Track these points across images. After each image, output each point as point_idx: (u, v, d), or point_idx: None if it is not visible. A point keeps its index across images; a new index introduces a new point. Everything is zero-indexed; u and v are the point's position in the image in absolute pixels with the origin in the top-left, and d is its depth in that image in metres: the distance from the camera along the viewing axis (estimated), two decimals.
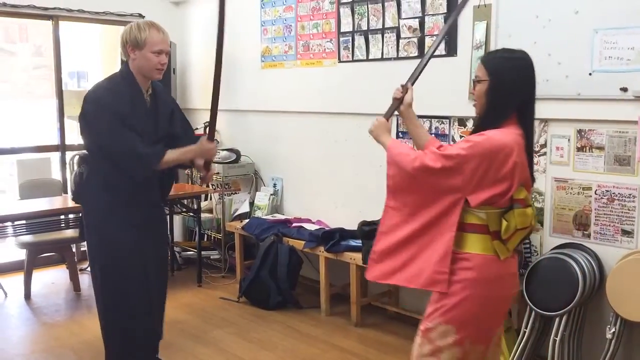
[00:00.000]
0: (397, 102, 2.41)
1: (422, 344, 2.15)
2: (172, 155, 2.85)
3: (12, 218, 3.94)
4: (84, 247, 5.37)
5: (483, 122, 2.13)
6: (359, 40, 4.19)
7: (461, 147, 2.04)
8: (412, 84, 2.42)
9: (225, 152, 5.05)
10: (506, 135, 2.05)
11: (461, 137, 3.69)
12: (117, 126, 2.73)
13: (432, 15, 3.73)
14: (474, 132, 2.15)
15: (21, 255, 4.73)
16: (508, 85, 2.09)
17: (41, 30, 5.74)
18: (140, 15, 5.66)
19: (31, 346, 3.76)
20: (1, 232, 4.04)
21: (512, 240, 2.12)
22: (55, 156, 5.35)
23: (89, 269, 4.55)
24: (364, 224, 3.83)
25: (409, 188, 2.15)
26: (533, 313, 3.08)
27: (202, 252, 4.99)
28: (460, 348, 2.11)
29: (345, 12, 4.26)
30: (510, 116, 2.10)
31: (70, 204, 4.26)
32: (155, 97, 2.95)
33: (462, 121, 3.68)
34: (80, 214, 2.94)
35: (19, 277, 4.71)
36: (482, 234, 2.09)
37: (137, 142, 2.75)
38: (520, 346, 3.11)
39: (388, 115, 2.40)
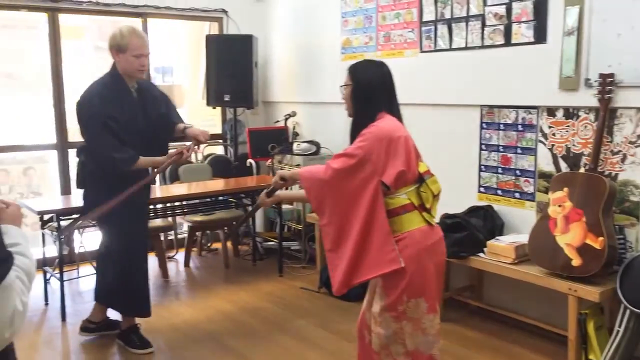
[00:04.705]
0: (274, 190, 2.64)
1: (403, 326, 2.36)
2: (143, 161, 3.34)
3: None
4: (172, 235, 5.59)
5: (360, 120, 2.43)
6: (442, 29, 4.11)
7: (359, 141, 2.34)
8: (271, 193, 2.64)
9: (305, 144, 5.10)
10: (389, 122, 2.40)
11: (550, 127, 3.55)
12: (101, 131, 3.22)
13: (521, 1, 3.59)
14: (354, 129, 2.45)
15: None
16: (367, 86, 2.44)
17: None
18: (224, 11, 5.81)
19: None
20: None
21: (433, 208, 2.45)
22: None
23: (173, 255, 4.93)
24: (446, 216, 3.77)
25: (332, 198, 2.37)
26: (627, 312, 2.93)
27: (283, 243, 5.08)
28: (434, 314, 2.40)
29: (427, 1, 4.18)
30: (381, 110, 2.42)
31: (156, 193, 4.46)
32: (141, 90, 3.45)
33: (551, 111, 3.53)
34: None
35: None
36: (411, 211, 2.37)
37: (115, 147, 3.23)
38: (614, 346, 2.97)
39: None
